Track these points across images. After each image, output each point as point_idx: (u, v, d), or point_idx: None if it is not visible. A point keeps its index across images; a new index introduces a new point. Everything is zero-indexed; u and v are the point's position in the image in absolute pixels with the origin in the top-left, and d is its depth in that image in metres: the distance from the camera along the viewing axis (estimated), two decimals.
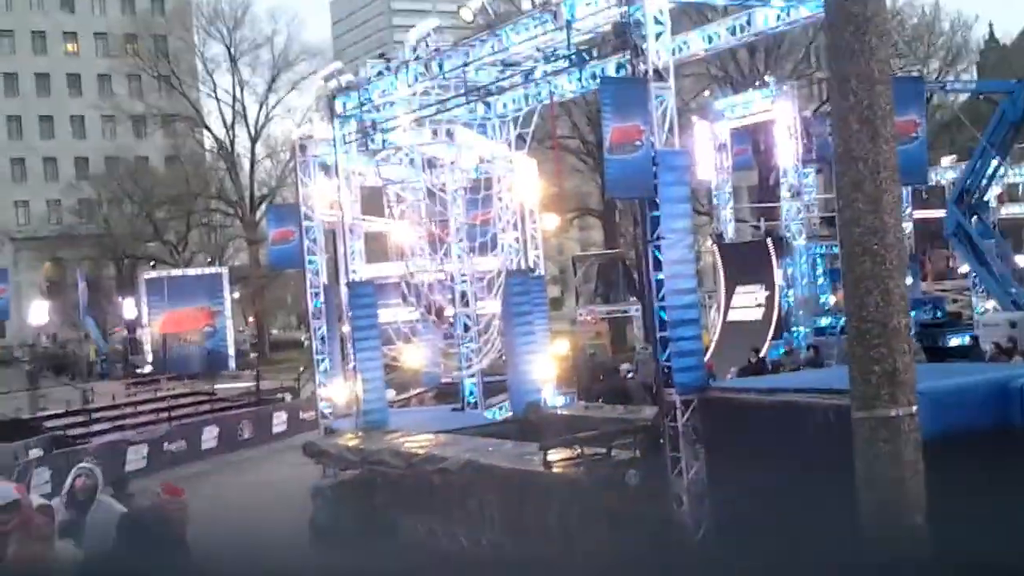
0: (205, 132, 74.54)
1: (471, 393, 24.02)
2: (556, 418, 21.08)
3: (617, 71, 16.75)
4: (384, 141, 22.84)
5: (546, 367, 22.32)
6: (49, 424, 28.69)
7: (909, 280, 12.37)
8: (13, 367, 31.73)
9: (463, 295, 23.86)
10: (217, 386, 36.72)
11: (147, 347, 48.42)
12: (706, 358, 19.64)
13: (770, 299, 30.09)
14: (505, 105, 22.40)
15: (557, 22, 17.21)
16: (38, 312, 60.72)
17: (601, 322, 41.33)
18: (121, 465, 24.93)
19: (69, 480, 8.86)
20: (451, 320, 23.86)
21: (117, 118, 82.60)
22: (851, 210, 9.95)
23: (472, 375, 23.92)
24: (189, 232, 71.03)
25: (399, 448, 18.94)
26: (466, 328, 23.74)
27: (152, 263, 63.35)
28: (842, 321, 21.92)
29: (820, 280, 31.16)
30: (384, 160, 24.42)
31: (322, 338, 24.13)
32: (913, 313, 11.39)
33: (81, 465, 8.85)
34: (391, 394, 26.05)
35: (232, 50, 72.72)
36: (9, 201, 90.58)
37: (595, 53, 18.45)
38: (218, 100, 72.03)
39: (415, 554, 18.26)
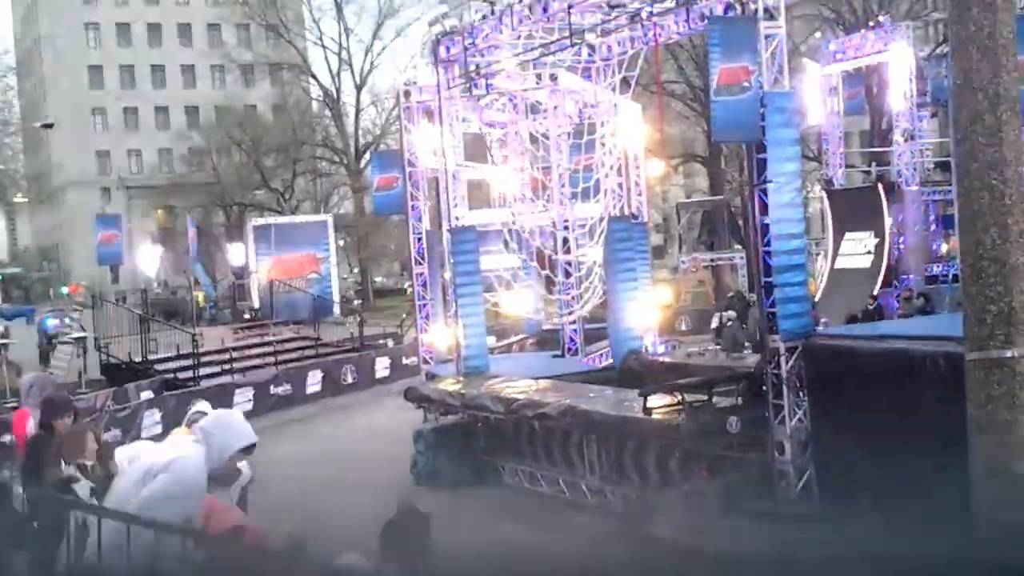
0: (311, 80, 75.15)
1: (571, 340, 23.95)
2: (657, 365, 20.89)
3: (726, 11, 16.33)
4: (488, 86, 22.70)
5: (647, 315, 22.11)
6: (159, 367, 29.34)
7: None
8: (125, 312, 32.43)
9: (565, 241, 23.72)
10: (322, 332, 37.16)
11: (254, 293, 49.28)
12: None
13: (880, 246, 29.30)
14: (610, 48, 22.07)
15: None
16: (150, 258, 62.20)
17: (704, 270, 40.81)
18: (228, 407, 25.40)
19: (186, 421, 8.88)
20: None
21: (226, 67, 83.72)
22: (969, 143, 9.54)
23: (573, 322, 23.83)
24: (295, 180, 71.92)
25: (499, 393, 18.96)
26: (567, 275, 23.61)
27: (260, 211, 64.37)
28: (955, 269, 21.29)
29: (932, 227, 30.27)
30: (488, 106, 24.33)
31: (424, 284, 24.22)
32: None
33: (197, 410, 8.79)
34: (492, 340, 26.11)
35: None
36: (122, 149, 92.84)
37: None
38: (324, 48, 72.47)
39: (515, 498, 18.33)
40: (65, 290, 78.72)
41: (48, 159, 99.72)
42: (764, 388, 14.70)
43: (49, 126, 69.28)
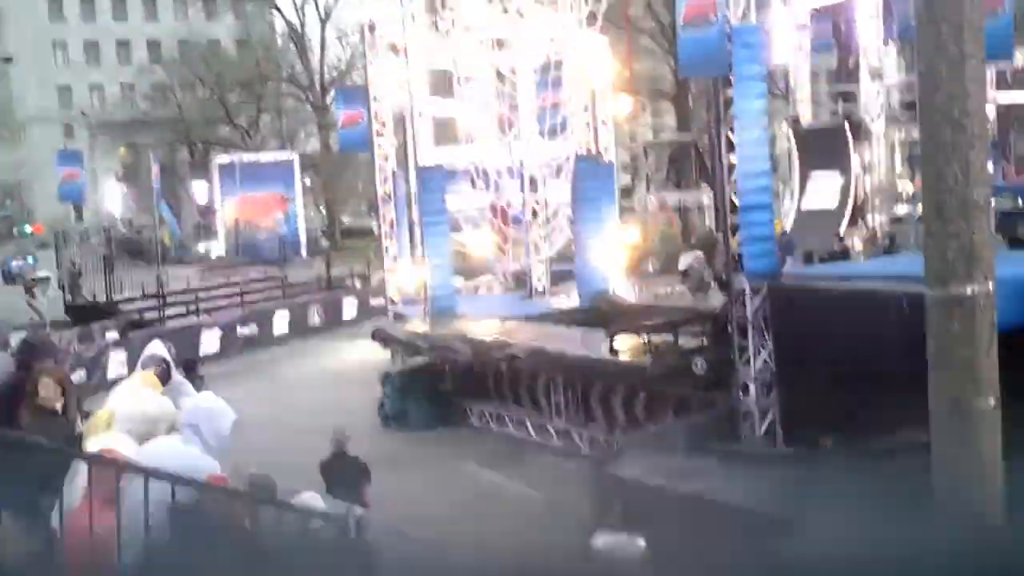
0: (276, 13, 74.01)
1: (539, 280, 23.87)
2: (624, 306, 20.86)
3: None
4: (453, 20, 22.37)
5: (615, 255, 22.03)
6: (125, 308, 29.09)
7: (990, 167, 11.78)
8: (89, 251, 32.09)
9: (532, 181, 23.54)
10: (288, 273, 36.94)
11: (220, 233, 48.87)
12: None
13: (846, 186, 29.27)
14: None
15: None
16: (113, 196, 61.45)
17: (671, 210, 40.68)
18: (195, 348, 25.29)
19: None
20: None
21: (189, 0, 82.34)
22: (932, 75, 9.42)
23: (540, 262, 23.73)
24: (260, 117, 71.04)
25: (467, 335, 18.90)
26: (535, 215, 23.47)
27: (224, 148, 63.58)
28: (920, 207, 21.28)
29: (899, 168, 30.22)
30: (453, 41, 23.99)
31: (391, 224, 24.03)
32: (993, 202, 10.85)
33: (150, 354, 8.62)
34: (459, 281, 26.01)
35: None
36: (84, 84, 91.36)
37: None
38: None
39: (482, 440, 18.35)
40: (28, 229, 77.83)
41: (8, 95, 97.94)
42: (729, 328, 14.69)
43: (8, 60, 68.00)
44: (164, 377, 7.94)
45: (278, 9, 72.63)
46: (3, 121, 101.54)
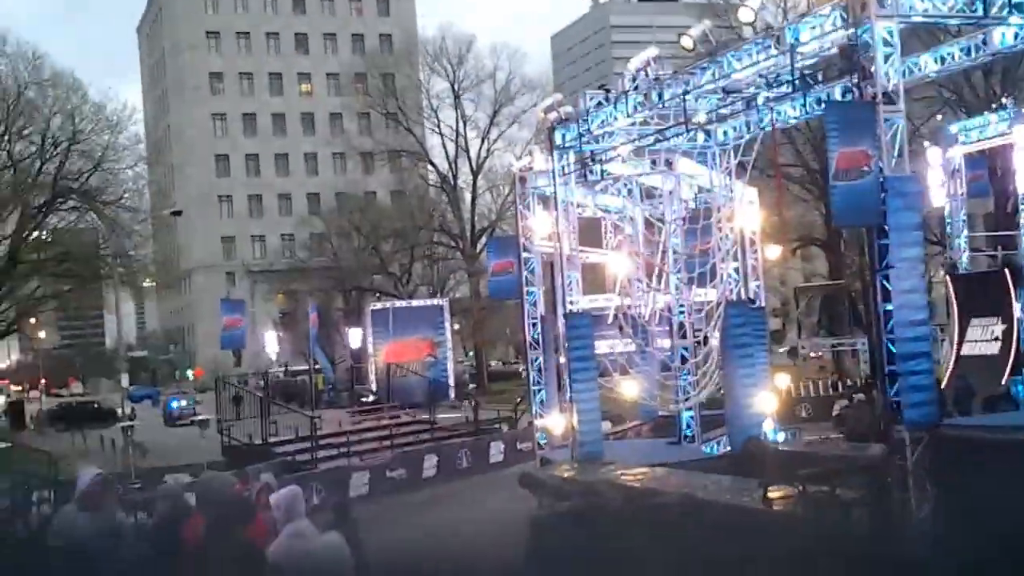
0: (429, 167, 76.61)
1: (688, 426, 23.61)
2: (776, 454, 20.41)
3: (843, 95, 16.20)
4: (602, 172, 22.82)
5: (766, 401, 21.70)
6: (279, 449, 29.75)
7: None
8: (247, 395, 33.16)
9: (681, 326, 23.50)
10: (437, 415, 37.32)
11: (371, 376, 49.84)
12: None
13: (1008, 332, 28.36)
14: (726, 133, 22.05)
15: (780, 47, 16.83)
16: (271, 342, 63.48)
17: (824, 356, 40.01)
18: (345, 491, 25.64)
19: None
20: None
21: (347, 155, 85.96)
22: None
23: (689, 408, 23.51)
24: (413, 264, 72.94)
25: (615, 480, 18.72)
26: (684, 360, 23.36)
27: (377, 295, 65.35)
28: None
29: None
30: (602, 191, 24.42)
31: (539, 369, 24.19)
32: None
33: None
34: (607, 426, 25.86)
35: (455, 86, 74.60)
36: (247, 236, 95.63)
37: (819, 77, 17.96)
38: (441, 135, 74.00)
39: None
40: (190, 373, 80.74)
41: (175, 245, 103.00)
42: (890, 480, 14.23)
43: (178, 213, 71.74)
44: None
45: (432, 163, 75.27)
46: (170, 270, 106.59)
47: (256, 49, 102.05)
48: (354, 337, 54.47)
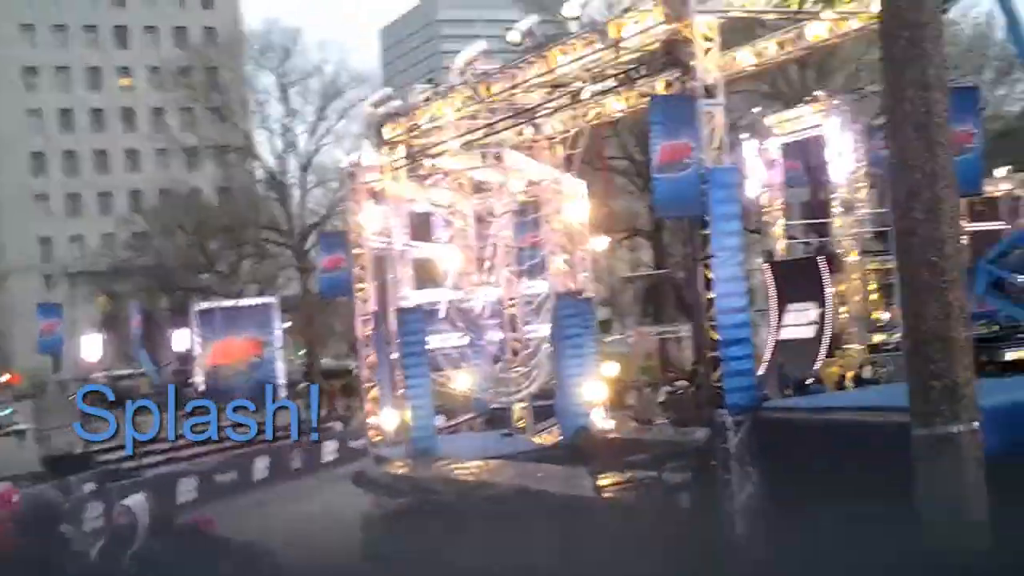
0: (256, 162, 75.11)
1: (520, 419, 23.79)
2: (606, 442, 20.77)
3: (666, 89, 16.56)
4: (433, 166, 22.78)
5: (596, 390, 22.03)
6: (102, 458, 28.72)
7: None
8: (67, 401, 31.94)
9: (512, 319, 23.67)
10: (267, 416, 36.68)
11: (198, 379, 48.58)
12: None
13: (822, 317, 29.60)
14: (553, 127, 22.26)
15: (604, 42, 17.07)
16: (92, 346, 61.17)
17: (650, 343, 40.95)
18: (172, 497, 24.95)
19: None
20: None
21: (170, 151, 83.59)
22: (907, 220, 9.64)
23: (522, 400, 23.69)
24: (241, 262, 71.41)
25: (449, 475, 18.74)
26: (515, 352, 23.53)
27: (204, 294, 63.73)
28: (896, 337, 21.47)
29: (873, 296, 30.63)
30: (433, 185, 24.38)
31: (372, 366, 24.01)
32: None
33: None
34: (440, 421, 25.88)
35: (282, 80, 73.27)
36: (65, 236, 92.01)
37: (643, 72, 18.29)
38: (269, 130, 72.50)
39: None
40: (4, 378, 77.23)
41: None
42: (714, 462, 14.62)
43: None
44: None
45: (259, 158, 73.80)
46: None
47: (73, 42, 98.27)
48: (180, 338, 53.03)
